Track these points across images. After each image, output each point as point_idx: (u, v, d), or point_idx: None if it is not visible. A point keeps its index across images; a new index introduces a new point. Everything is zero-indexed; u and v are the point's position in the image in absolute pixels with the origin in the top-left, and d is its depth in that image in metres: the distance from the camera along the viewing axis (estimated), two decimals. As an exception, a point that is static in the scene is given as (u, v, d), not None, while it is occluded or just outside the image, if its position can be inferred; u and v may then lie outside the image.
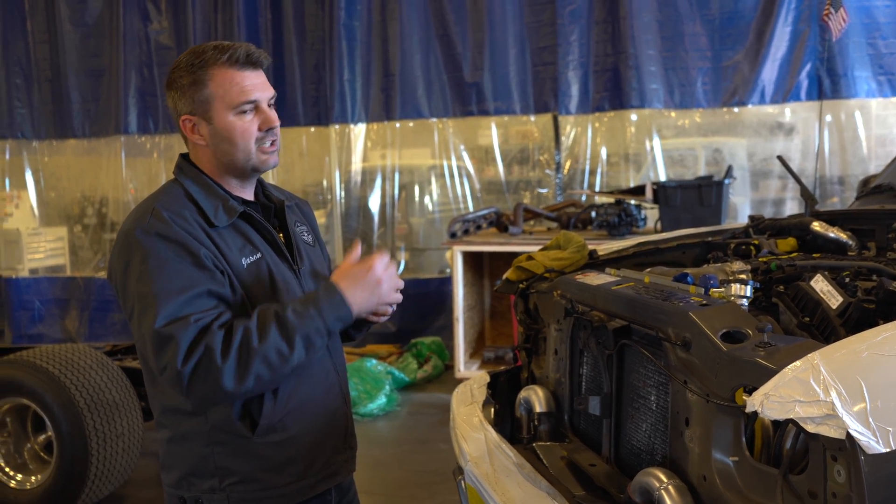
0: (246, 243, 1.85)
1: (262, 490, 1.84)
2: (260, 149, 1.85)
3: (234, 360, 1.65)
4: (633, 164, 6.84)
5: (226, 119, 1.81)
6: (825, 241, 2.58)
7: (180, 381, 1.65)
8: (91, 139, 7.89)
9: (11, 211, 8.24)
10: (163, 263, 1.70)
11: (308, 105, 7.36)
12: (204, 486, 1.84)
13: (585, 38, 6.73)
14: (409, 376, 6.19)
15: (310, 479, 1.90)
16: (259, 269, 1.84)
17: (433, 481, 4.37)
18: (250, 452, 1.82)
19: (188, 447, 1.85)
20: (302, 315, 1.73)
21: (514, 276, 2.72)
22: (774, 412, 1.29)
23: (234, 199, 1.88)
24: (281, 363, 1.70)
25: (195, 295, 1.70)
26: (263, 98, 1.84)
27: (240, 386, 1.66)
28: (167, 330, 1.65)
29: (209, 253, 1.75)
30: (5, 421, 4.06)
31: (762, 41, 6.40)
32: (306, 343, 1.73)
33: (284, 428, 1.84)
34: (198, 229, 1.77)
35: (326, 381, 1.94)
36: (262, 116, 1.84)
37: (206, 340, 1.65)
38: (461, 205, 7.17)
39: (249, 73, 1.83)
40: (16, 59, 7.91)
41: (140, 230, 1.73)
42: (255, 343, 1.67)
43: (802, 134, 6.57)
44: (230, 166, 1.86)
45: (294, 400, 1.85)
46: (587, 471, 2.06)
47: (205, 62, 1.80)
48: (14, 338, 8.02)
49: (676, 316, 1.73)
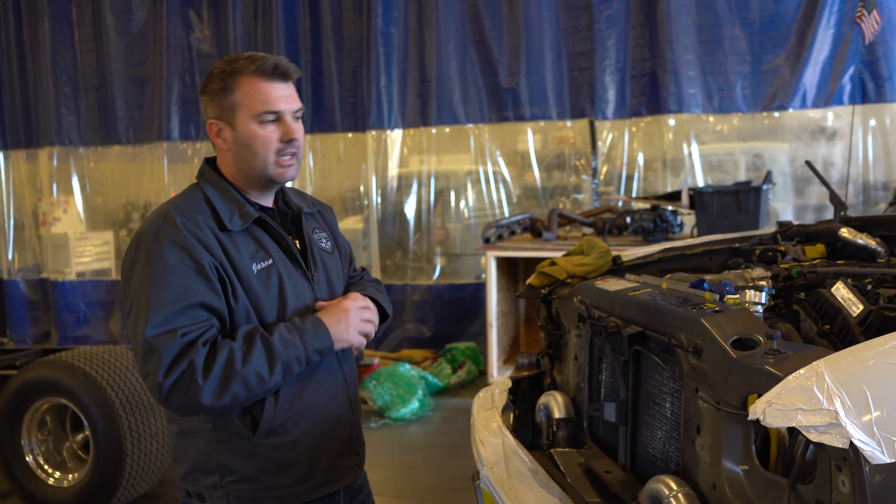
0: (259, 249, 1.88)
1: (262, 490, 1.87)
2: (278, 161, 1.89)
3: (216, 380, 1.70)
4: (671, 170, 6.77)
5: (248, 126, 1.86)
6: (854, 248, 2.52)
7: (159, 392, 1.71)
8: (135, 145, 8.06)
9: (59, 216, 8.44)
10: (163, 269, 1.74)
11: (345, 111, 7.42)
12: (206, 481, 1.88)
13: (623, 42, 6.68)
14: (443, 381, 6.20)
15: (311, 483, 1.92)
16: (269, 276, 1.87)
17: (464, 486, 4.35)
18: (251, 452, 1.85)
19: (193, 443, 1.89)
20: (286, 342, 1.79)
21: (537, 282, 2.72)
22: (776, 420, 1.27)
23: (252, 204, 1.92)
24: (259, 385, 1.75)
25: (188, 306, 1.74)
26: (287, 109, 1.88)
27: (216, 403, 1.72)
28: (154, 341, 1.70)
29: (213, 261, 1.79)
30: (45, 420, 4.16)
31: (804, 44, 6.29)
32: (285, 369, 1.78)
33: (286, 431, 1.86)
34: (209, 234, 1.81)
35: (332, 388, 1.96)
36: (283, 128, 1.88)
37: (191, 356, 1.70)
38: (497, 210, 7.16)
39: (277, 85, 1.87)
40: (63, 68, 8.12)
41: (151, 233, 1.79)
42: (237, 365, 1.72)
43: (845, 139, 6.44)
44: (249, 174, 1.91)
45: (296, 405, 1.87)
46: (602, 478, 2.05)
47: (235, 70, 1.86)
48: (60, 339, 8.22)
49: (688, 322, 1.71)
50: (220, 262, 1.80)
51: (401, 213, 7.38)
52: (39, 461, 4.13)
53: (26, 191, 8.53)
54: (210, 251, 1.79)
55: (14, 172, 8.54)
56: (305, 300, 1.92)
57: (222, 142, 1.89)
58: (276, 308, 1.87)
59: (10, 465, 4.12)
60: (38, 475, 4.10)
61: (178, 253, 1.76)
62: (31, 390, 4.03)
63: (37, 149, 8.37)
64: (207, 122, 1.90)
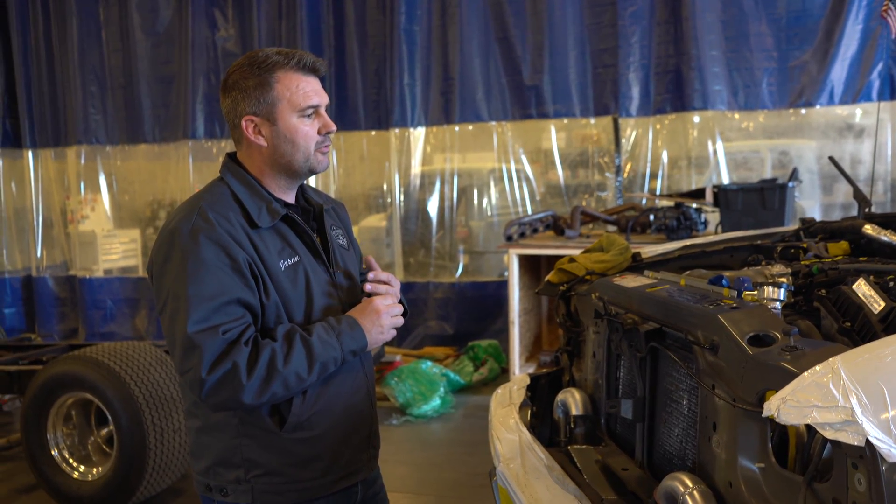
0: (285, 246, 1.89)
1: (286, 483, 1.89)
2: (318, 151, 1.94)
3: (259, 380, 1.73)
4: (696, 168, 6.71)
5: (290, 121, 1.89)
6: (878, 245, 2.49)
7: (200, 388, 1.72)
8: (161, 144, 8.14)
9: (87, 214, 8.55)
10: (200, 266, 1.75)
11: (369, 109, 7.44)
12: (230, 476, 1.89)
13: (647, 39, 6.64)
14: (465, 379, 6.20)
15: (333, 476, 1.94)
16: (296, 273, 1.88)
17: (485, 483, 4.33)
18: (277, 447, 1.87)
19: (217, 438, 1.90)
20: (326, 344, 1.82)
21: (556, 279, 2.71)
22: (791, 417, 1.25)
23: (277, 201, 1.93)
24: (297, 385, 1.79)
25: (225, 302, 1.75)
26: (323, 103, 1.94)
27: (256, 401, 1.75)
28: (197, 338, 1.71)
29: (248, 257, 1.80)
30: (70, 414, 4.22)
31: (831, 40, 6.21)
32: (322, 369, 1.82)
33: (311, 426, 1.88)
34: (240, 231, 1.82)
35: (354, 383, 1.99)
36: (322, 121, 1.93)
37: (234, 356, 1.71)
38: (520, 208, 7.14)
39: (312, 79, 1.92)
40: (91, 67, 8.22)
41: (185, 229, 1.78)
42: (279, 366, 1.74)
43: (873, 136, 6.34)
44: (287, 167, 1.93)
45: (322, 400, 1.89)
46: (619, 475, 2.04)
47: (272, 65, 1.87)
48: (87, 335, 8.33)
49: (705, 319, 1.70)
50: (253, 258, 1.81)
51: (424, 210, 7.38)
52: (65, 455, 4.19)
53: (55, 189, 8.65)
54: (243, 248, 1.80)
55: (43, 171, 8.66)
56: (330, 297, 1.94)
57: (261, 138, 1.90)
58: (303, 305, 1.89)
59: (36, 459, 4.18)
60: (64, 469, 4.16)
61: (214, 249, 1.77)
62: (57, 385, 4.08)
63: (65, 147, 8.48)
64: (242, 119, 1.89)
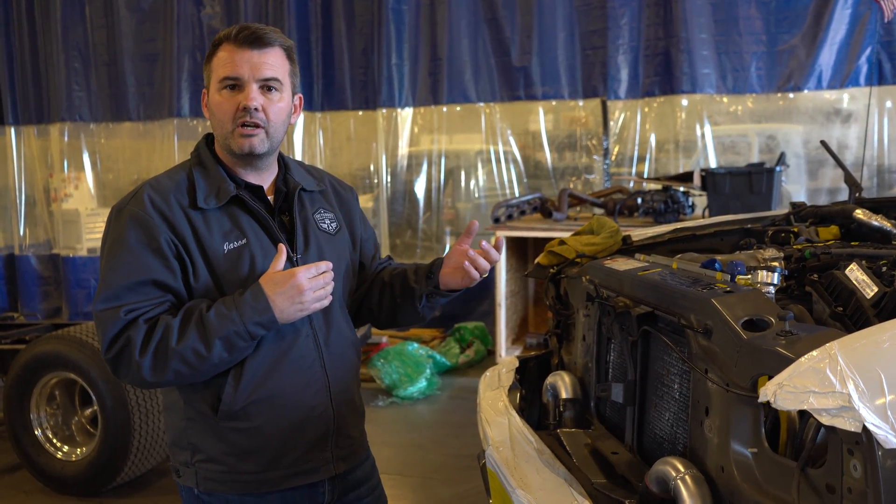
0: (233, 228, 1.83)
1: (227, 473, 1.85)
2: (237, 130, 1.81)
3: (151, 357, 1.69)
4: (683, 151, 6.70)
5: (213, 93, 1.85)
6: (869, 230, 2.48)
7: (108, 365, 1.74)
8: (146, 122, 8.04)
9: (71, 192, 8.44)
10: (119, 246, 1.75)
11: (356, 89, 7.37)
12: (181, 457, 1.90)
13: (636, 21, 6.60)
14: (451, 361, 6.20)
15: (279, 472, 1.87)
16: (240, 256, 1.81)
17: (470, 465, 4.36)
18: (216, 434, 1.83)
19: (171, 417, 1.92)
20: (223, 317, 1.71)
21: (546, 261, 2.70)
22: (787, 402, 1.24)
23: (237, 181, 1.87)
24: (199, 362, 1.72)
25: (139, 282, 1.73)
26: (250, 76, 1.80)
27: (159, 378, 1.72)
28: (100, 316, 1.73)
29: (173, 238, 1.76)
30: (54, 394, 4.18)
31: (820, 24, 6.20)
32: (226, 345, 1.72)
33: (248, 417, 1.82)
34: (177, 212, 1.78)
35: (306, 376, 1.88)
36: (241, 95, 1.80)
37: (129, 333, 1.70)
38: (507, 190, 7.12)
39: (246, 51, 1.80)
40: (74, 44, 8.09)
41: (117, 209, 1.80)
42: (172, 343, 1.69)
43: (861, 121, 6.35)
44: (221, 144, 1.89)
45: (261, 390, 1.82)
46: (609, 458, 2.03)
47: (220, 39, 1.85)
48: (71, 315, 8.26)
49: (699, 302, 1.68)
50: (183, 239, 1.77)
51: (411, 192, 7.34)
52: (48, 435, 4.16)
53: (38, 167, 8.53)
54: (173, 228, 1.77)
55: (25, 148, 8.54)
56: None
57: (206, 111, 1.89)
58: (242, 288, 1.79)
59: (20, 439, 4.15)
60: (47, 449, 4.13)
61: (136, 230, 1.75)
62: (40, 365, 4.04)
63: (48, 125, 8.35)
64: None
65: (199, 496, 1.88)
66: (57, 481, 4.08)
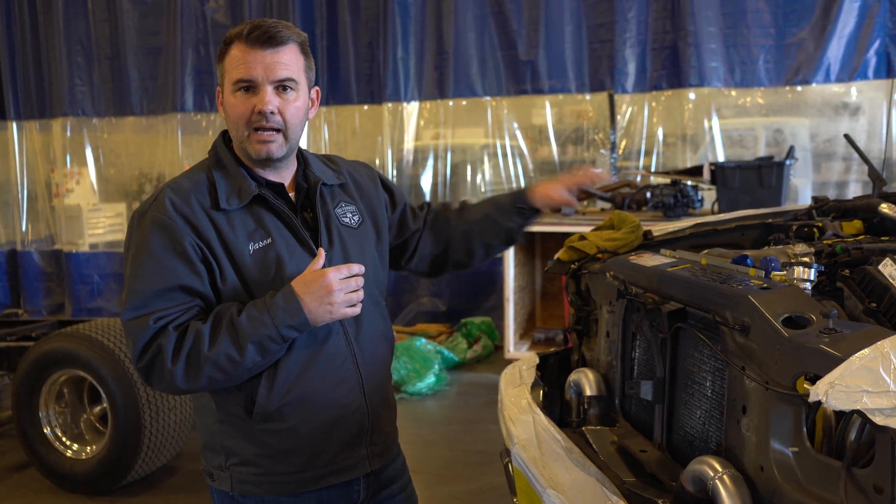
0: (258, 227, 1.79)
1: (263, 475, 1.82)
2: (252, 135, 1.77)
3: (184, 365, 1.66)
4: (691, 145, 6.67)
5: (228, 95, 1.80)
6: (894, 224, 2.46)
7: (139, 375, 1.71)
8: (149, 116, 8.01)
9: (73, 187, 8.42)
10: (144, 252, 1.71)
11: (361, 83, 7.33)
12: (214, 461, 1.87)
13: (644, 14, 6.56)
14: (459, 356, 6.18)
15: (315, 471, 1.85)
16: (266, 256, 1.78)
17: (481, 461, 4.35)
18: (251, 436, 1.80)
19: (203, 422, 1.89)
20: (255, 321, 1.67)
21: (566, 257, 2.66)
22: (840, 402, 1.21)
23: (258, 179, 1.83)
24: (233, 367, 1.68)
25: (166, 289, 1.70)
26: (264, 78, 1.75)
27: (193, 386, 1.69)
28: (129, 325, 1.70)
29: (197, 242, 1.72)
30: (63, 392, 4.15)
31: (829, 17, 6.16)
32: (259, 349, 1.68)
33: (283, 418, 1.79)
34: (200, 214, 1.74)
35: (339, 374, 1.85)
36: (256, 98, 1.75)
37: (160, 341, 1.67)
38: (514, 184, 7.08)
39: (259, 51, 1.74)
40: (77, 37, 8.04)
41: (139, 214, 1.76)
42: (205, 349, 1.65)
43: (869, 114, 6.32)
44: (238, 147, 1.84)
45: (295, 391, 1.79)
46: (638, 457, 2.00)
47: (231, 37, 1.79)
48: (74, 311, 8.23)
49: (735, 299, 1.65)
50: (208, 242, 1.73)
51: (416, 186, 7.31)
52: (57, 433, 4.13)
53: (40, 161, 8.49)
54: (197, 231, 1.73)
55: (27, 143, 8.50)
56: None
57: (223, 109, 1.84)
58: (271, 288, 1.76)
59: (29, 437, 4.12)
60: (57, 447, 4.10)
61: (160, 235, 1.71)
62: (49, 362, 4.01)
63: (50, 119, 8.32)
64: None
65: (234, 498, 1.85)
66: (67, 480, 4.05)
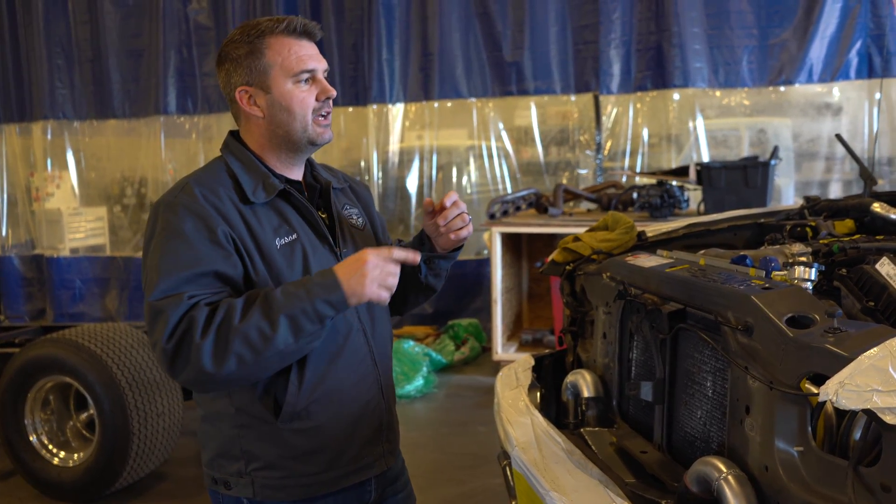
0: (282, 223, 1.79)
1: (287, 478, 1.80)
2: (315, 121, 1.82)
3: (213, 338, 1.58)
4: (675, 145, 6.71)
5: (284, 88, 1.78)
6: (885, 223, 2.47)
7: (165, 359, 1.61)
8: (131, 119, 7.95)
9: (53, 191, 8.33)
10: (176, 235, 1.67)
11: (346, 85, 7.31)
12: (231, 468, 1.81)
13: (628, 15, 6.59)
14: (447, 358, 6.17)
15: (338, 471, 1.84)
16: (293, 251, 1.78)
17: (472, 464, 4.34)
18: (275, 438, 1.78)
19: (218, 428, 1.83)
20: (290, 295, 1.63)
21: (561, 258, 2.66)
22: (851, 402, 1.22)
23: (278, 177, 1.84)
24: (263, 344, 1.59)
25: (200, 273, 1.65)
26: (319, 68, 1.82)
27: (220, 367, 1.58)
28: (160, 304, 1.61)
29: (230, 231, 1.70)
30: (48, 399, 4.10)
31: (811, 18, 6.23)
32: (292, 325, 1.61)
33: (310, 416, 1.78)
34: (229, 206, 1.73)
35: (360, 371, 1.86)
36: (319, 86, 1.82)
37: (192, 313, 1.61)
38: (499, 186, 7.09)
39: (306, 43, 1.82)
40: (57, 39, 7.97)
41: (166, 203, 1.72)
42: (235, 321, 1.59)
43: (851, 114, 6.39)
44: (286, 139, 1.82)
45: (321, 388, 1.78)
46: (638, 458, 2.00)
47: (261, 32, 1.77)
48: (55, 316, 8.14)
49: (737, 299, 1.65)
50: (240, 234, 1.71)
51: (402, 188, 7.30)
52: (43, 441, 4.07)
53: (20, 165, 8.40)
54: (228, 222, 1.70)
55: (7, 147, 8.41)
56: None
57: (256, 108, 1.80)
58: None
59: (14, 445, 4.06)
60: (43, 455, 4.04)
61: (193, 221, 1.67)
62: (35, 369, 3.96)
63: (30, 122, 8.24)
64: (235, 91, 1.80)
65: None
66: (53, 488, 3.99)
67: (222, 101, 7.57)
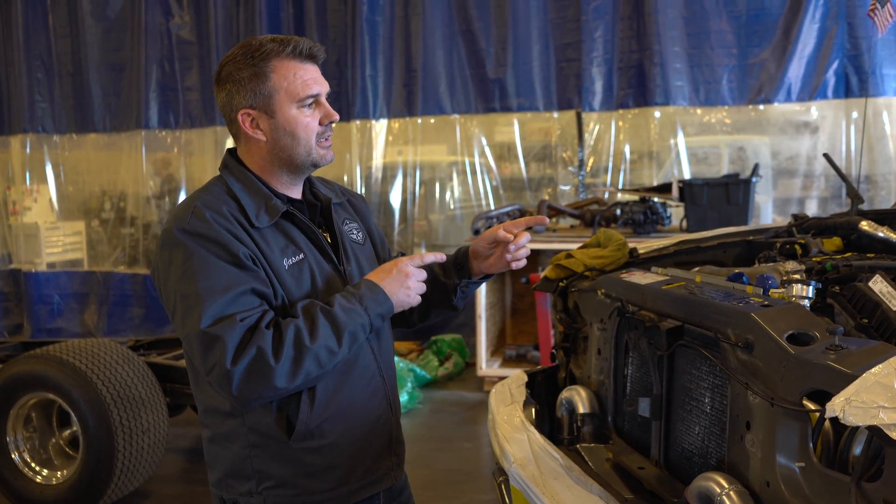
0: (288, 244, 1.80)
1: (299, 496, 1.80)
2: (319, 143, 1.83)
3: (289, 360, 1.62)
4: (656, 162, 6.77)
5: (289, 112, 1.78)
6: (872, 241, 2.51)
7: (229, 381, 1.61)
8: (112, 133, 7.90)
9: (30, 205, 8.26)
10: (204, 262, 1.67)
11: (329, 100, 7.25)
12: (241, 488, 1.81)
13: (610, 34, 6.66)
14: (431, 374, 6.16)
15: (350, 486, 1.85)
16: (301, 271, 1.79)
17: (459, 480, 4.33)
18: (287, 457, 1.78)
19: (227, 448, 1.82)
20: (349, 311, 1.71)
21: (553, 275, 2.68)
22: (857, 418, 1.24)
23: (280, 197, 1.84)
24: (329, 360, 1.69)
25: (239, 293, 1.66)
26: (323, 92, 1.83)
27: (291, 384, 1.65)
28: (213, 330, 1.61)
29: (249, 252, 1.71)
30: (31, 416, 4.04)
31: (789, 38, 6.33)
32: (351, 339, 1.72)
33: (322, 434, 1.79)
34: (238, 228, 1.73)
35: (370, 386, 1.88)
36: (322, 110, 1.83)
37: (257, 341, 1.62)
38: (482, 202, 7.11)
39: (309, 67, 1.82)
40: (37, 53, 7.91)
41: (180, 229, 1.70)
42: (307, 342, 1.64)
43: (829, 133, 6.49)
44: (288, 162, 1.83)
45: (333, 405, 1.80)
46: (636, 473, 2.01)
47: (266, 54, 1.77)
48: (33, 332, 8.04)
49: (737, 317, 1.68)
50: (255, 254, 1.73)
51: (386, 203, 7.30)
52: (26, 458, 4.01)
53: (-3, 179, 8.32)
54: (244, 244, 1.71)
55: (-15, 160, 8.32)
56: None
57: (259, 132, 1.80)
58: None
59: (-5, 463, 4.00)
60: (25, 473, 3.98)
61: (213, 247, 1.68)
62: (18, 385, 3.90)
63: (8, 136, 8.16)
64: (238, 113, 1.79)
65: None
66: (36, 505, 3.94)
67: (204, 115, 7.55)
